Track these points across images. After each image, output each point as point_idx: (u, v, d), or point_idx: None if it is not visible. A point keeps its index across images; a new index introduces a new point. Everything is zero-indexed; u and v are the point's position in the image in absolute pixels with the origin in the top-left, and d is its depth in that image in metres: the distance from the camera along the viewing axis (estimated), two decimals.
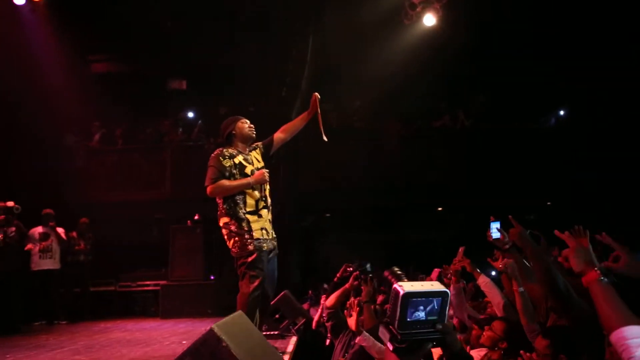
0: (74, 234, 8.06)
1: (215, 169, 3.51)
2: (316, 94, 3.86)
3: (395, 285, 1.36)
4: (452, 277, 4.15)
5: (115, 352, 4.36)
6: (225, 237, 3.55)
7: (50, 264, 7.36)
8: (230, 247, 3.52)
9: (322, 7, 8.03)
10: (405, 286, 1.34)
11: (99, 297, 8.53)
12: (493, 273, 4.74)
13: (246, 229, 3.47)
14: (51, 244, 7.40)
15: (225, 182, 3.49)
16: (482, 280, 3.86)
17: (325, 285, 7.15)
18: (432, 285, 1.38)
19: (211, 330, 1.95)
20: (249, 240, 3.44)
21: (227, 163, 3.54)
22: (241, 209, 3.51)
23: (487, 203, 6.92)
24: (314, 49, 8.20)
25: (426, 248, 9.01)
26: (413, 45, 8.63)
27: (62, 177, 8.78)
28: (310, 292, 7.39)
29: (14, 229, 6.56)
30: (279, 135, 3.89)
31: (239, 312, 2.81)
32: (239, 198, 3.52)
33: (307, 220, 10.27)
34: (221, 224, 3.57)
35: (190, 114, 10.20)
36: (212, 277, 8.07)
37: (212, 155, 3.61)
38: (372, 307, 4.99)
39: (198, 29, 8.75)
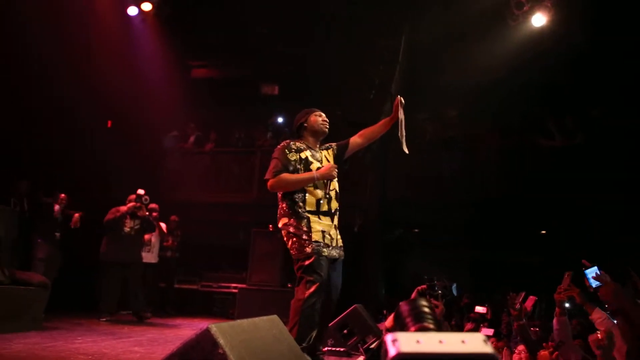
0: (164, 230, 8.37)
1: (279, 161, 3.24)
2: (400, 97, 3.47)
3: (389, 337, 0.82)
4: (557, 309, 3.48)
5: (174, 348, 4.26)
6: (285, 238, 3.27)
7: (149, 257, 7.63)
8: (289, 249, 3.23)
9: (418, 6, 7.54)
10: (406, 342, 0.78)
11: (183, 294, 8.75)
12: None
13: (305, 229, 3.16)
14: (151, 238, 7.67)
15: (287, 176, 3.20)
16: (598, 316, 3.18)
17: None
18: (467, 343, 0.78)
19: (207, 330, 1.66)
20: (306, 242, 3.13)
21: (293, 157, 3.26)
22: (300, 207, 3.21)
23: None
24: (407, 50, 7.75)
25: (520, 272, 8.04)
26: (518, 49, 7.79)
27: (158, 176, 9.22)
28: (385, 311, 6.87)
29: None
30: (355, 140, 3.56)
31: (272, 317, 2.50)
32: (298, 196, 3.22)
33: (394, 234, 9.75)
34: (280, 225, 3.29)
35: (280, 119, 10.24)
36: (289, 285, 7.88)
37: (278, 147, 3.35)
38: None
39: (290, 34, 8.75)
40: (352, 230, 9.08)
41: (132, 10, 8.80)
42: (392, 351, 0.76)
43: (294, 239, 3.17)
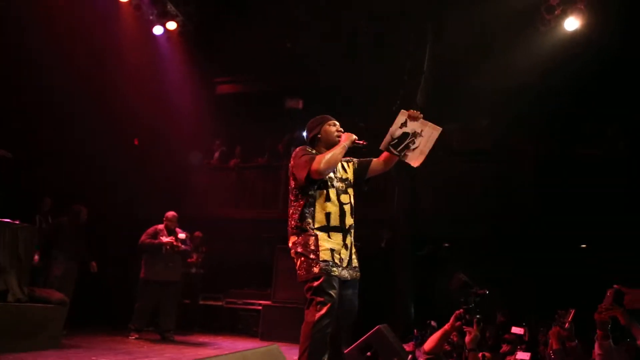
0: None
1: (305, 153, 3.02)
2: (413, 111, 3.18)
3: None
4: (598, 331, 3.13)
5: None
6: (294, 259, 3.06)
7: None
8: (297, 269, 3.00)
9: (442, 14, 7.32)
10: None
11: (208, 311, 8.65)
12: None
13: (312, 247, 2.92)
14: None
15: (322, 156, 2.96)
16: None
17: (433, 323, 6.31)
18: None
19: None
20: (314, 261, 2.89)
21: None
22: (309, 224, 2.99)
23: None
24: (433, 58, 7.51)
25: (558, 288, 7.54)
26: (550, 54, 7.45)
27: (183, 192, 9.23)
28: (415, 330, 6.54)
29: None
30: (378, 162, 3.27)
31: (270, 347, 2.30)
32: (308, 211, 3.00)
33: (424, 249, 9.40)
34: (290, 244, 3.07)
35: (305, 134, 10.12)
36: None
37: (296, 150, 3.10)
38: (480, 355, 4.10)
39: (314, 48, 8.68)
40: (379, 246, 8.82)
41: (158, 30, 8.94)
42: None
43: (302, 258, 2.95)
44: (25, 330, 4.46)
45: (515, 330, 5.93)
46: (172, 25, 8.94)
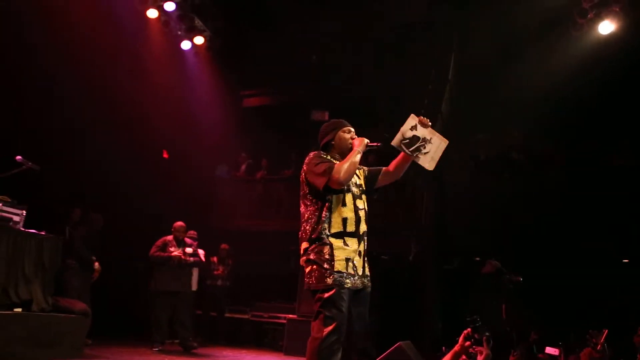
0: (215, 259, 8.36)
1: (321, 161, 2.91)
2: (422, 117, 3.12)
3: None
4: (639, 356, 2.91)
5: None
6: (304, 265, 2.97)
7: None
8: (306, 277, 2.90)
9: (469, 21, 7.16)
10: None
11: (234, 324, 8.63)
12: None
13: (327, 256, 2.81)
14: None
15: (340, 164, 2.87)
16: None
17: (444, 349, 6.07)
18: None
19: None
20: (328, 272, 2.78)
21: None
22: (325, 229, 2.87)
23: None
24: (459, 67, 7.34)
25: (597, 305, 7.13)
26: (583, 61, 7.16)
27: (209, 204, 9.31)
28: (443, 348, 6.31)
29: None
30: (388, 170, 3.18)
31: None
32: (324, 216, 2.89)
33: (453, 263, 9.13)
34: (301, 250, 2.96)
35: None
36: None
37: (310, 155, 3.01)
38: None
39: (339, 59, 8.67)
40: (407, 259, 8.61)
41: (186, 45, 9.13)
42: None
43: (314, 266, 2.84)
44: (48, 340, 4.52)
45: (550, 350, 5.61)
46: (199, 40, 9.12)
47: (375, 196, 3.23)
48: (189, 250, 6.61)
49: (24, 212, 4.67)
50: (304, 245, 2.95)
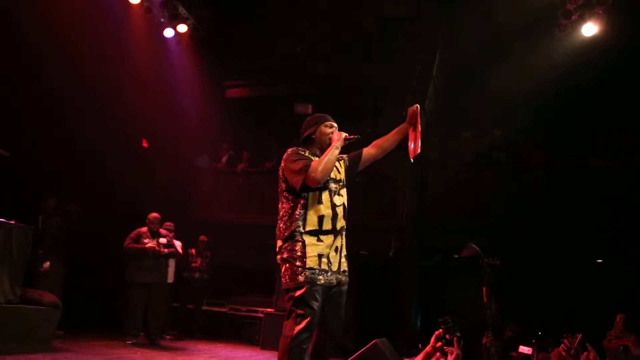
0: (193, 250, 8.24)
1: (299, 159, 2.85)
2: (417, 105, 3.15)
3: None
4: None
5: None
6: (279, 263, 2.91)
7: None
8: (281, 276, 2.85)
9: (455, 19, 7.13)
10: None
11: (211, 317, 8.55)
12: None
13: (299, 254, 2.76)
14: None
15: (317, 161, 2.82)
16: None
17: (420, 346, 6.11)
18: None
19: None
20: (299, 269, 2.73)
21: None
22: (299, 227, 2.81)
23: None
24: (443, 64, 7.31)
25: (572, 305, 7.22)
26: (566, 62, 7.19)
27: (189, 195, 9.17)
28: (420, 345, 6.33)
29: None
30: (369, 151, 3.19)
31: None
32: (299, 214, 2.83)
33: (433, 260, 9.15)
34: (277, 249, 2.91)
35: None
36: None
37: (288, 152, 2.94)
38: None
39: (324, 53, 8.57)
40: (387, 255, 8.61)
41: (169, 33, 8.92)
42: None
43: (287, 265, 2.80)
44: (16, 333, 4.40)
45: (523, 349, 5.65)
46: (182, 28, 8.92)
47: (357, 179, 3.19)
48: (163, 240, 6.51)
49: None
50: (279, 243, 2.91)
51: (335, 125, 3.12)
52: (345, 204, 3.01)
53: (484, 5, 7.23)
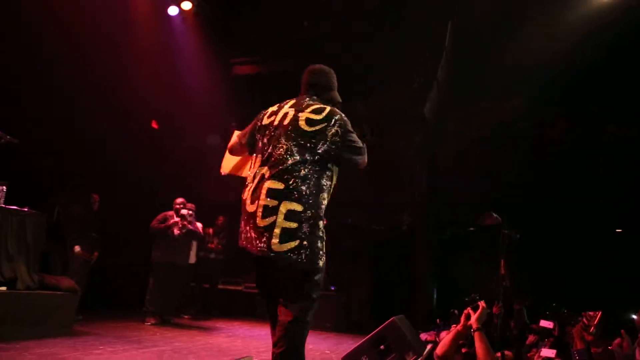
0: (210, 230, 8.27)
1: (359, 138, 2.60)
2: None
3: None
4: None
5: None
6: (286, 230, 2.30)
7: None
8: (287, 250, 2.28)
9: None
10: None
11: (227, 295, 8.63)
12: None
13: (320, 234, 2.35)
14: None
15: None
16: None
17: (456, 312, 6.05)
18: None
19: None
20: (320, 252, 2.33)
21: None
22: (324, 200, 2.42)
23: None
24: (456, 32, 7.02)
25: (592, 279, 7.12)
26: (583, 27, 6.87)
27: (202, 176, 9.14)
28: (438, 320, 6.29)
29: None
30: None
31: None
32: (326, 185, 2.44)
33: (447, 233, 9.08)
34: (283, 210, 2.30)
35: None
36: (332, 288, 7.52)
37: (345, 118, 2.54)
38: (499, 354, 3.86)
39: (334, 27, 8.34)
40: (400, 229, 8.56)
41: (173, 10, 8.75)
42: None
43: (306, 242, 2.30)
44: (35, 318, 4.44)
45: (544, 323, 5.57)
46: (187, 5, 8.73)
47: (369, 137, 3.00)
48: (184, 212, 6.58)
49: (4, 188, 4.50)
50: (292, 206, 2.35)
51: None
52: None
53: None
